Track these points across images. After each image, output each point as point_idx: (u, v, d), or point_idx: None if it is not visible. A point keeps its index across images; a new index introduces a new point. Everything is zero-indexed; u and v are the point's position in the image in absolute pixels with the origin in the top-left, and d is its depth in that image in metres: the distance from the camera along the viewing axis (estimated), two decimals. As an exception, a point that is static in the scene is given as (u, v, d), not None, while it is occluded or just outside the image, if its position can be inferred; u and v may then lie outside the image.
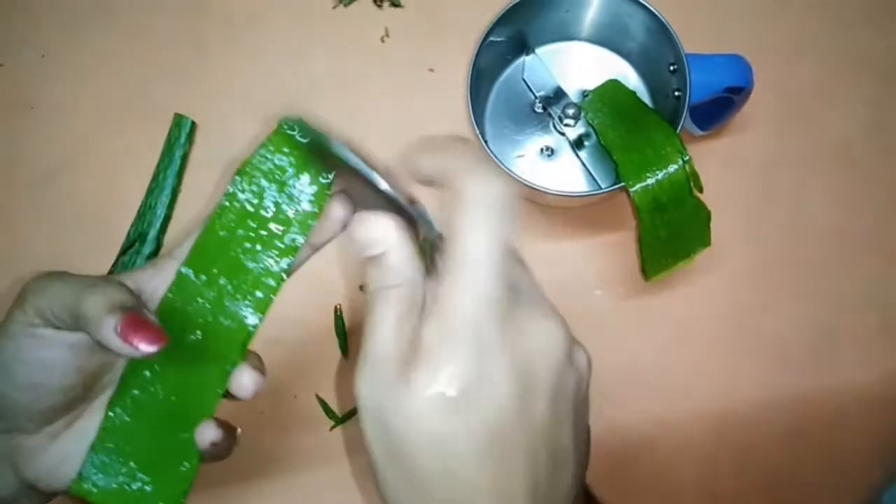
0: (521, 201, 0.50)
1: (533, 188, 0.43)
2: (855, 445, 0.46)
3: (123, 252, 0.48)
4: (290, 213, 0.30)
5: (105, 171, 0.51)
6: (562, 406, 0.24)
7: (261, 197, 0.30)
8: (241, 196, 0.31)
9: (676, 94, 0.46)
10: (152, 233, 0.48)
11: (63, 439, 0.31)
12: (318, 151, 0.28)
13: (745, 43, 0.51)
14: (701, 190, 0.42)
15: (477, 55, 0.45)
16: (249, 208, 0.31)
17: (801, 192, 0.50)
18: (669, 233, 0.43)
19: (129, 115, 0.53)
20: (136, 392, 0.32)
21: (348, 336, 0.49)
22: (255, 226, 0.31)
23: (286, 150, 0.30)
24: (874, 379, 0.47)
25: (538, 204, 0.50)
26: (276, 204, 0.30)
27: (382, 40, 0.54)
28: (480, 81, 0.47)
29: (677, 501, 0.45)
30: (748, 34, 0.53)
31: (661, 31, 0.45)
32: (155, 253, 0.49)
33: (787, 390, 0.47)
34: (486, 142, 0.44)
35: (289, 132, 0.29)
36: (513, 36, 0.49)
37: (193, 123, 0.51)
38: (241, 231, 0.31)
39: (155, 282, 0.31)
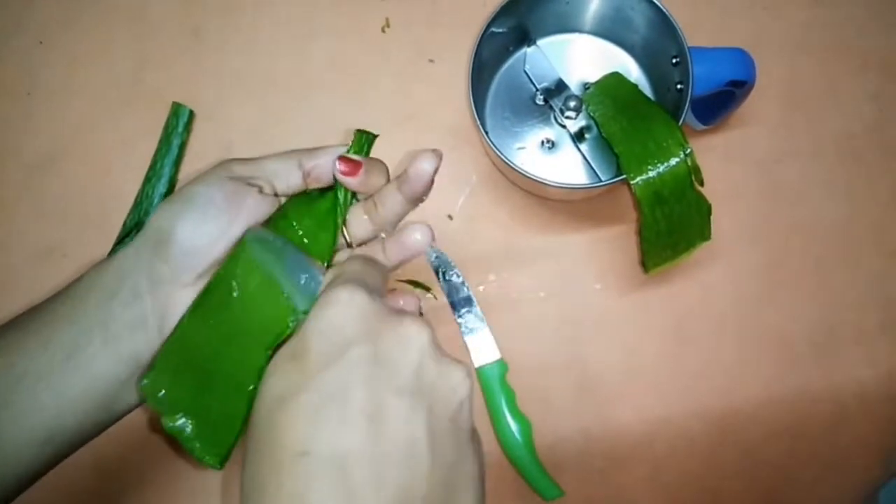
0: (522, 193, 0.50)
1: (534, 180, 0.42)
2: (855, 442, 0.46)
3: (120, 240, 0.48)
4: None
5: (101, 158, 0.51)
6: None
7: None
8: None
9: (678, 87, 0.45)
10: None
11: None
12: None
13: (748, 36, 0.51)
14: (702, 183, 0.42)
15: (478, 46, 0.45)
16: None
17: (803, 188, 0.50)
18: (670, 226, 0.43)
19: (126, 101, 0.52)
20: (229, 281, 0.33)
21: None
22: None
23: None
24: (875, 376, 0.47)
25: (538, 197, 0.50)
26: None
27: (383, 30, 0.53)
28: (481, 73, 0.47)
29: (677, 499, 0.45)
30: (751, 28, 0.53)
31: (663, 23, 0.45)
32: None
33: (788, 386, 0.47)
34: (486, 133, 0.44)
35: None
36: (514, 27, 0.48)
37: (191, 112, 0.51)
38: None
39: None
